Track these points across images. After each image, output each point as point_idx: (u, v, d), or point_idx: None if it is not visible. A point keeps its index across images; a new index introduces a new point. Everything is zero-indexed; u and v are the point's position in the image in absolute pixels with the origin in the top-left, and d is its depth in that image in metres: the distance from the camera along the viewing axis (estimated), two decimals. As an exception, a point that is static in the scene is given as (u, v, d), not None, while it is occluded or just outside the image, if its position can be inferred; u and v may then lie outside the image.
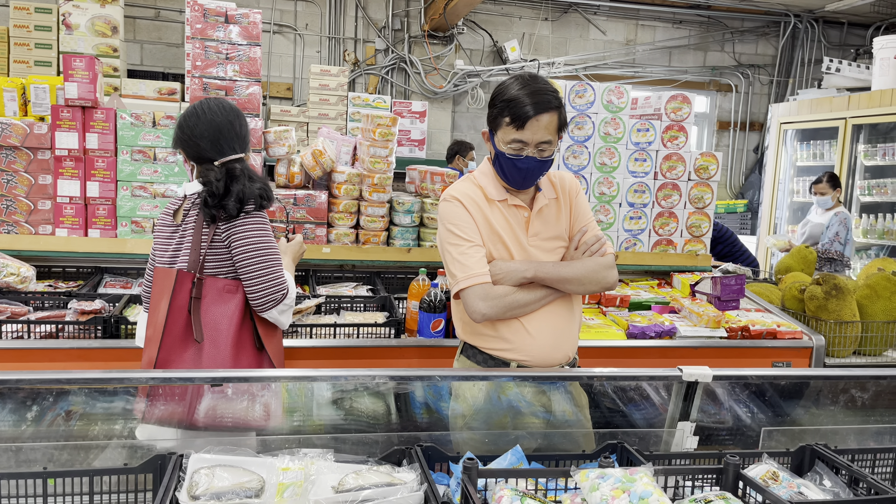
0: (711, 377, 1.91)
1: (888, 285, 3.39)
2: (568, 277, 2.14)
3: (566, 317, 2.22)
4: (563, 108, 2.09)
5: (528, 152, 2.06)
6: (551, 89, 2.06)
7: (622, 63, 8.44)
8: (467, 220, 2.14)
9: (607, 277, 2.20)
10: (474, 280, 2.09)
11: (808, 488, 1.73)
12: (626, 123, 3.80)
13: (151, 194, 3.32)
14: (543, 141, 2.05)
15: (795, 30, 8.61)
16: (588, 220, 2.26)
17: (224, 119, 2.19)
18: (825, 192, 5.86)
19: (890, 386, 2.41)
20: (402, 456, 1.74)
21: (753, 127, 8.92)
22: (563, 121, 2.09)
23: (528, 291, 2.13)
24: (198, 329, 2.09)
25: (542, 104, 2.02)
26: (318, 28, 7.70)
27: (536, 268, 2.13)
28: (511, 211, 2.18)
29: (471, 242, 2.12)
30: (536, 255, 2.19)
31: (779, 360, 3.20)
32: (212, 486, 1.52)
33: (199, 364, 2.09)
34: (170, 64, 7.29)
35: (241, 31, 3.43)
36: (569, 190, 2.26)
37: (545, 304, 2.17)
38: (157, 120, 3.33)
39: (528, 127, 2.03)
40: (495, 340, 2.18)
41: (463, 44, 7.97)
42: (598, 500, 1.30)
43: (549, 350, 2.18)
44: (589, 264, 2.17)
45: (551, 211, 2.23)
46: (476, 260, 2.11)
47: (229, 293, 2.13)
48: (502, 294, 2.09)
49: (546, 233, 2.22)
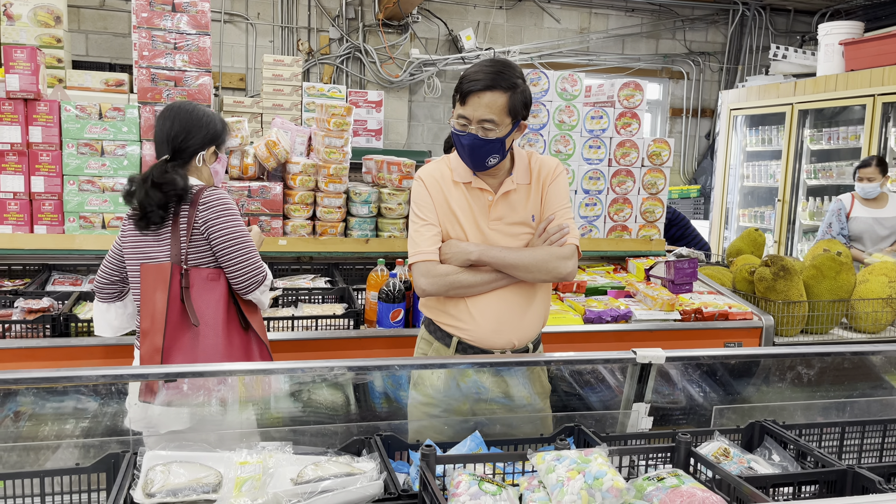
0: (664, 359, 1.96)
1: (833, 265, 3.51)
2: (515, 264, 2.14)
3: (518, 305, 2.20)
4: (518, 91, 2.06)
5: (472, 129, 2.06)
6: (507, 71, 2.04)
7: (576, 51, 8.51)
8: (426, 199, 2.19)
9: (559, 268, 2.17)
10: (420, 257, 2.15)
11: (758, 463, 1.79)
12: (580, 111, 3.84)
13: (100, 188, 3.24)
14: (486, 119, 2.04)
15: (744, 17, 8.79)
16: (558, 208, 2.23)
17: None
18: (873, 178, 4.93)
19: (835, 362, 2.50)
20: (361, 446, 1.74)
21: (705, 113, 9.10)
22: (515, 104, 2.06)
23: (472, 273, 2.14)
24: (193, 315, 2.22)
25: (485, 81, 2.02)
26: (270, 17, 7.57)
27: (482, 251, 2.13)
28: (474, 193, 2.19)
29: (424, 221, 2.17)
30: (496, 239, 2.18)
31: (730, 340, 3.29)
32: (167, 482, 1.50)
33: (198, 346, 2.22)
34: (117, 54, 7.09)
35: (189, 20, 3.36)
36: (544, 176, 2.24)
37: (494, 287, 2.16)
38: (104, 112, 3.24)
39: (469, 102, 2.04)
40: (442, 314, 2.23)
41: (418, 32, 7.94)
42: (555, 481, 1.32)
43: (489, 334, 2.18)
44: (540, 253, 2.16)
45: (519, 196, 2.21)
46: (426, 238, 2.15)
47: (213, 281, 2.27)
48: (444, 273, 2.13)
49: (511, 218, 2.20)
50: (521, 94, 2.08)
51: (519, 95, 2.07)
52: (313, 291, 3.22)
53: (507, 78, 2.05)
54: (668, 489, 1.37)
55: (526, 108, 2.12)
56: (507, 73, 2.05)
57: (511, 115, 2.07)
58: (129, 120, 3.26)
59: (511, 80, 2.05)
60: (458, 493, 1.33)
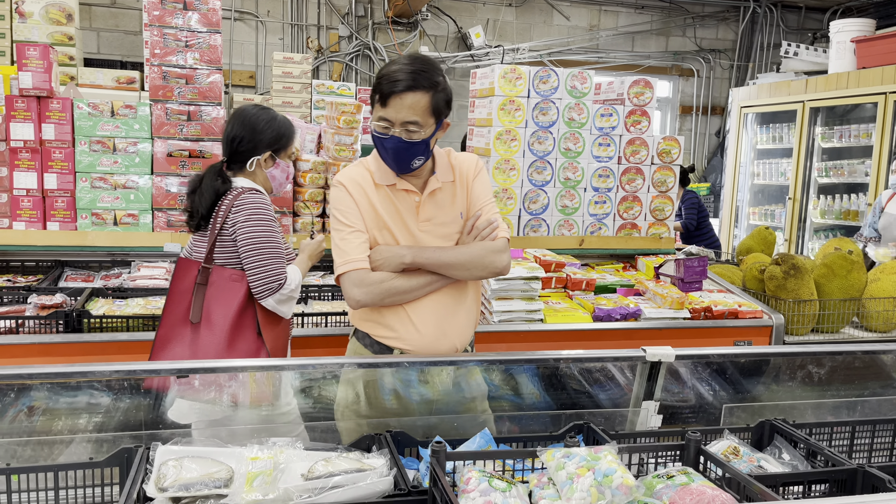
0: (674, 357, 1.96)
1: (844, 264, 3.49)
2: (451, 263, 2.07)
3: (455, 305, 2.15)
4: (440, 89, 1.98)
5: (395, 132, 1.98)
6: (428, 70, 1.96)
7: (586, 49, 8.49)
8: (350, 204, 2.09)
9: (495, 262, 2.10)
10: (350, 266, 2.04)
11: (768, 462, 1.78)
12: (589, 109, 3.83)
13: (112, 185, 3.26)
14: (409, 121, 1.96)
15: (755, 14, 8.74)
16: (484, 204, 2.17)
17: None
18: None
19: (845, 361, 2.49)
20: (371, 442, 1.75)
21: (715, 111, 9.06)
22: (438, 103, 1.98)
23: (408, 278, 2.06)
24: (195, 311, 2.27)
25: (407, 81, 1.93)
26: (280, 15, 7.59)
27: (416, 253, 2.06)
28: (400, 196, 2.10)
29: (351, 228, 2.07)
30: (427, 241, 2.11)
31: (740, 339, 3.28)
32: (180, 477, 1.51)
33: (195, 343, 2.25)
34: (128, 52, 7.13)
35: (200, 17, 3.37)
36: (466, 172, 2.17)
37: (431, 290, 2.09)
38: (116, 109, 3.27)
39: (390, 104, 1.95)
40: (379, 327, 2.12)
41: (427, 30, 7.94)
42: (564, 478, 1.32)
43: (432, 340, 2.11)
44: (475, 249, 2.10)
45: (446, 195, 2.14)
46: (354, 245, 2.05)
47: (235, 282, 2.30)
48: (378, 280, 2.04)
49: (440, 217, 2.13)
50: (443, 93, 2.00)
51: (441, 94, 1.99)
52: (323, 288, 3.23)
53: (429, 77, 1.96)
54: (677, 487, 1.38)
55: (448, 106, 2.04)
56: (428, 72, 1.97)
57: (435, 115, 1.99)
58: (140, 117, 3.28)
59: (433, 78, 1.97)
60: (468, 489, 1.34)
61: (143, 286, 3.08)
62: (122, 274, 3.29)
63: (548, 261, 3.43)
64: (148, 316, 2.69)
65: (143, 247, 3.31)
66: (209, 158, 3.35)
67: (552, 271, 3.42)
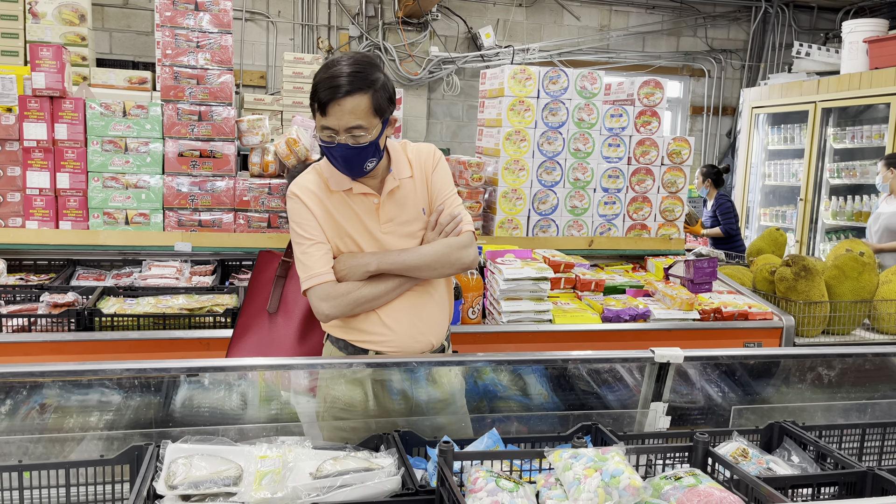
0: (683, 358, 1.95)
1: (855, 266, 3.47)
2: (416, 265, 2.01)
3: (426, 301, 2.10)
4: (379, 86, 1.89)
5: (341, 139, 1.90)
6: (364, 69, 1.88)
7: (596, 49, 8.47)
8: (306, 216, 2.03)
9: (462, 258, 2.04)
10: (315, 280, 1.99)
11: (777, 464, 1.78)
12: (599, 109, 3.82)
13: (123, 185, 3.29)
14: (353, 126, 1.88)
15: (766, 14, 8.70)
16: (446, 196, 2.09)
17: None
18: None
19: (856, 364, 2.47)
20: (379, 442, 1.75)
21: (726, 111, 9.02)
22: (380, 102, 1.90)
23: (375, 285, 2.01)
24: (273, 302, 2.36)
25: (343, 87, 1.84)
26: (290, 15, 7.62)
27: (380, 259, 2.00)
28: (358, 200, 2.03)
29: (311, 240, 2.02)
30: (391, 243, 2.05)
31: (750, 340, 3.26)
32: (189, 475, 1.52)
33: (271, 333, 2.32)
34: (140, 52, 7.18)
35: (211, 18, 3.39)
36: (424, 165, 2.09)
37: (400, 293, 2.05)
38: (128, 109, 3.29)
39: (330, 112, 1.87)
40: (353, 332, 2.09)
41: (437, 30, 7.94)
42: (571, 479, 1.32)
43: (408, 340, 2.07)
44: (439, 247, 2.03)
45: (406, 192, 2.07)
46: (316, 259, 2.01)
47: None
48: (345, 292, 1.99)
49: (402, 216, 2.06)
50: (383, 90, 1.91)
51: (381, 92, 1.90)
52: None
53: (366, 76, 1.87)
54: (685, 488, 1.37)
55: (391, 101, 1.94)
56: (364, 72, 1.88)
57: (378, 115, 1.91)
58: (152, 117, 3.30)
59: (370, 77, 1.88)
60: (475, 489, 1.34)
61: (153, 285, 3.10)
62: (133, 273, 3.31)
63: (557, 261, 3.42)
64: (158, 315, 2.71)
65: (153, 246, 3.33)
66: (220, 158, 3.37)
67: (561, 272, 3.42)
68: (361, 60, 1.90)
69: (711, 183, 6.43)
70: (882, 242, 4.79)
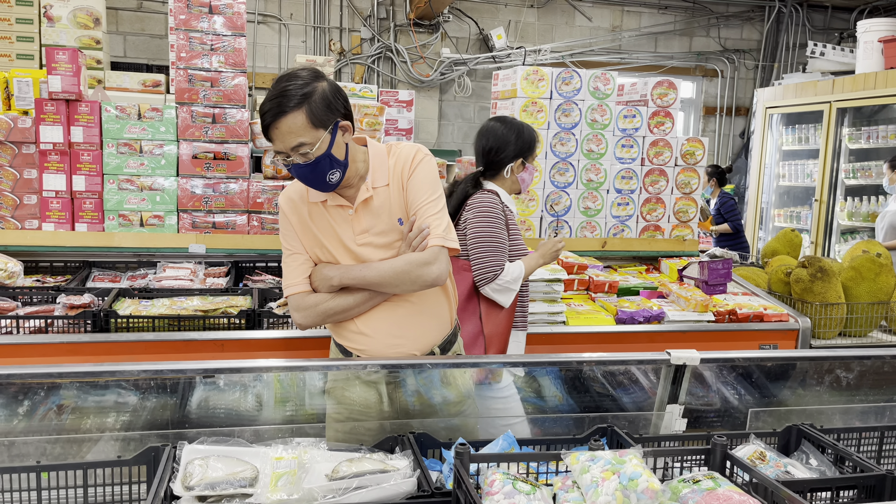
0: (699, 360, 1.94)
1: (872, 267, 3.44)
2: (376, 281, 1.98)
3: (409, 314, 2.06)
4: (312, 99, 1.82)
5: (293, 160, 1.87)
6: (290, 87, 1.82)
7: (608, 49, 8.45)
8: (286, 226, 2.06)
9: (423, 276, 1.96)
10: (289, 290, 2.04)
11: (795, 467, 1.76)
12: (612, 110, 3.81)
13: (138, 187, 3.31)
14: (295, 145, 1.84)
15: (780, 14, 8.64)
16: (421, 205, 2.00)
17: None
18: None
19: (874, 366, 2.45)
20: (395, 443, 1.75)
21: (739, 112, 8.96)
22: (316, 112, 1.83)
23: (343, 297, 2.01)
24: None
25: (272, 110, 1.82)
26: (302, 17, 7.65)
27: (342, 274, 1.99)
28: (334, 211, 2.01)
29: (290, 251, 2.06)
30: (369, 255, 2.01)
31: (766, 342, 3.24)
32: (206, 476, 1.53)
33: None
34: (154, 55, 7.23)
35: (225, 21, 3.41)
36: (401, 171, 2.02)
37: (372, 305, 2.03)
38: (143, 112, 3.31)
39: (273, 137, 1.86)
40: (339, 336, 2.13)
41: (449, 32, 7.95)
42: (589, 481, 1.32)
43: (385, 348, 2.05)
44: (398, 264, 1.97)
45: (381, 201, 2.00)
46: (293, 269, 2.04)
47: (465, 271, 2.55)
48: (315, 303, 2.02)
49: (378, 227, 2.01)
50: (318, 100, 1.84)
51: (316, 102, 1.84)
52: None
53: (292, 94, 1.81)
54: (704, 492, 1.36)
55: (330, 108, 1.86)
56: (290, 89, 1.82)
57: (320, 125, 1.85)
58: (166, 120, 3.32)
59: (297, 93, 1.82)
60: (492, 491, 1.34)
61: (168, 287, 3.12)
62: (148, 275, 3.33)
63: (570, 263, 3.41)
64: (173, 316, 2.73)
65: (168, 248, 3.35)
66: (233, 161, 3.39)
67: (574, 273, 3.41)
68: (290, 76, 1.85)
69: (716, 182, 6.73)
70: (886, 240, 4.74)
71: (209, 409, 1.95)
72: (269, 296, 3.05)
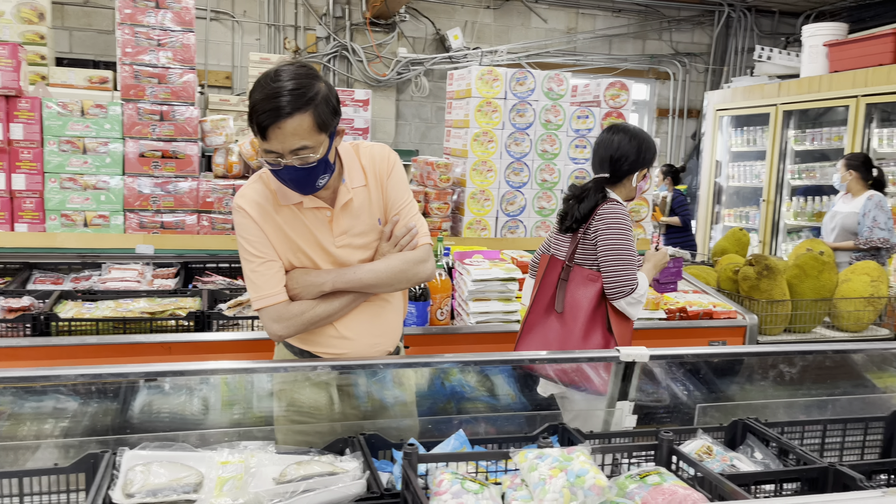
0: (648, 357, 1.96)
1: (816, 265, 3.53)
2: (373, 283, 1.94)
3: (385, 312, 2.06)
4: (320, 100, 1.74)
5: (287, 161, 1.77)
6: (302, 85, 1.73)
7: (564, 51, 8.53)
8: (256, 232, 1.91)
9: (419, 273, 1.98)
10: (267, 301, 1.91)
11: (741, 461, 1.79)
12: (566, 111, 3.84)
13: (82, 186, 3.21)
14: (297, 148, 1.75)
15: (729, 19, 8.85)
16: (402, 205, 1.99)
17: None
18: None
19: (817, 361, 2.52)
20: (345, 445, 1.73)
21: (691, 114, 9.15)
22: (324, 117, 1.75)
23: (329, 302, 1.94)
24: (559, 302, 2.58)
25: (282, 109, 1.70)
26: (256, 15, 7.54)
27: (335, 278, 1.92)
28: (309, 213, 1.92)
29: (262, 258, 1.92)
30: (346, 257, 1.96)
31: (715, 339, 3.30)
32: (147, 482, 1.48)
33: (557, 329, 2.55)
34: (101, 51, 7.04)
35: (173, 16, 3.33)
36: (379, 171, 1.98)
37: (356, 306, 1.99)
38: (86, 109, 3.21)
39: (272, 137, 1.73)
40: (310, 343, 2.03)
41: (405, 31, 7.93)
42: (537, 479, 1.31)
43: (365, 349, 2.02)
44: (395, 263, 1.95)
45: (361, 201, 1.96)
46: (268, 278, 1.92)
47: (591, 281, 2.54)
48: (299, 312, 1.92)
49: (357, 228, 1.96)
50: (325, 103, 1.76)
51: (323, 105, 1.76)
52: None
53: (305, 93, 1.73)
54: (649, 487, 1.38)
55: (335, 112, 1.80)
56: (302, 87, 1.73)
57: (323, 130, 1.77)
58: (111, 117, 3.23)
59: (309, 92, 1.73)
60: (440, 491, 1.33)
61: (113, 288, 3.03)
62: (93, 276, 3.23)
63: (524, 262, 3.42)
64: (118, 319, 2.65)
65: (114, 249, 3.26)
66: (182, 159, 3.31)
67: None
68: (298, 74, 1.75)
69: (671, 181, 6.98)
70: (838, 241, 4.90)
71: (153, 414, 1.89)
72: (220, 297, 2.98)
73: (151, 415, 1.89)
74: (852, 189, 5.01)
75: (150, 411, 1.89)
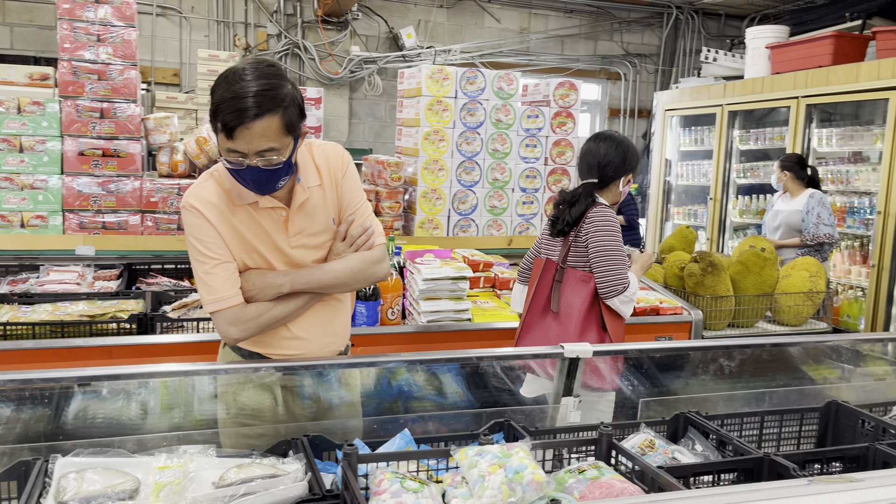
0: (592, 353, 1.99)
1: (757, 261, 3.63)
2: (331, 283, 1.94)
3: (338, 312, 2.06)
4: (288, 101, 1.73)
5: (251, 162, 1.73)
6: (273, 86, 1.70)
7: (517, 51, 8.59)
8: (209, 233, 1.86)
9: (376, 273, 2.01)
10: (222, 304, 1.87)
11: (682, 453, 1.83)
12: (516, 110, 3.87)
13: (18, 186, 3.11)
14: (264, 149, 1.72)
15: (678, 21, 9.03)
16: (357, 206, 1.99)
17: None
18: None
19: (756, 354, 2.59)
20: (288, 447, 1.71)
21: (642, 114, 9.31)
22: (291, 118, 1.73)
23: (286, 303, 1.92)
24: (555, 303, 2.69)
25: (250, 109, 1.67)
26: (205, 11, 7.40)
27: (293, 280, 1.91)
28: (265, 213, 1.89)
29: (216, 260, 1.87)
30: (302, 258, 1.95)
31: (661, 334, 3.36)
32: (81, 490, 1.44)
33: (555, 329, 2.64)
34: (43, 48, 6.82)
35: (113, 11, 3.25)
36: (333, 171, 1.97)
37: (311, 306, 1.98)
38: (23, 106, 3.11)
39: (238, 136, 1.69)
40: (264, 346, 2.00)
41: (358, 30, 7.88)
42: (476, 476, 1.32)
43: (320, 348, 2.02)
44: (352, 264, 1.95)
45: (316, 201, 1.94)
46: (223, 280, 1.87)
47: (583, 282, 2.65)
48: (256, 315, 1.89)
49: (312, 228, 1.95)
50: (293, 105, 1.75)
51: (291, 107, 1.74)
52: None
53: (276, 94, 1.70)
54: (588, 481, 1.39)
55: (302, 113, 1.79)
56: (273, 88, 1.70)
57: (290, 132, 1.76)
58: (49, 115, 3.14)
59: (279, 94, 1.71)
60: (379, 491, 1.33)
61: (51, 291, 2.93)
62: (30, 279, 3.13)
63: (476, 260, 3.44)
64: (56, 322, 2.57)
65: (53, 250, 3.16)
66: (125, 158, 3.23)
67: (480, 271, 3.44)
68: (269, 73, 1.72)
69: None
70: (784, 239, 5.05)
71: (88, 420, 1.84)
72: (164, 299, 2.92)
73: (87, 420, 1.84)
74: (790, 189, 5.16)
75: (86, 417, 1.84)
